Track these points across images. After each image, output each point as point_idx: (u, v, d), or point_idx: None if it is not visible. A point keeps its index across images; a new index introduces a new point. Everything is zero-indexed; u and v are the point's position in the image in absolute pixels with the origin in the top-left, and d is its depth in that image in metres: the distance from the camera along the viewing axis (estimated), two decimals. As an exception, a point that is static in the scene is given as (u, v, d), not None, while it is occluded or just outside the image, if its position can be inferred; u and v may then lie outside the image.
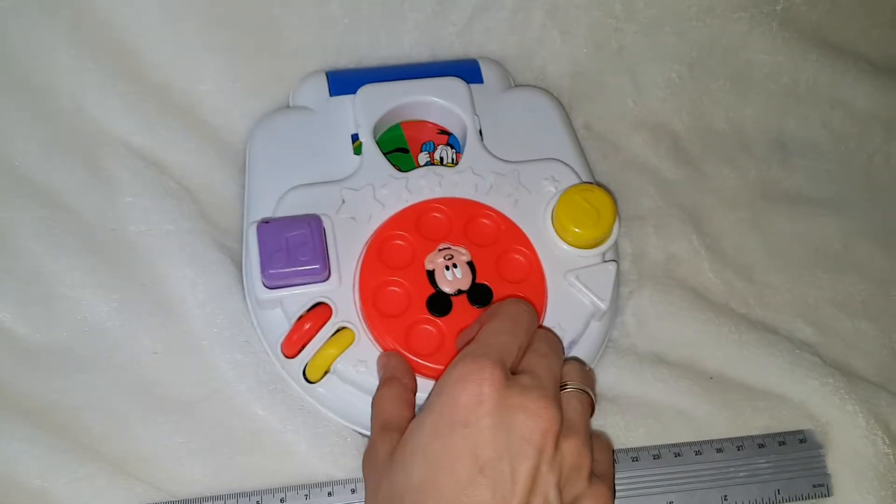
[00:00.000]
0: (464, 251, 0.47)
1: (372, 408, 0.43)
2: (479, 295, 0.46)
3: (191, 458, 0.45)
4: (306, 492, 0.44)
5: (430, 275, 0.46)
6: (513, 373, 0.38)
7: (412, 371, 0.44)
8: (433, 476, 0.35)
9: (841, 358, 0.53)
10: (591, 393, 0.41)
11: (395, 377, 0.43)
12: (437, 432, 0.36)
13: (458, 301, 0.46)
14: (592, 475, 0.38)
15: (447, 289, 0.46)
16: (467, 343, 0.40)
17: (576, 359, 0.46)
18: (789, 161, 0.61)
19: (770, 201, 0.59)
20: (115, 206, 0.52)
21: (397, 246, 0.47)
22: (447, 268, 0.46)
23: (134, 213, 0.52)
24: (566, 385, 0.41)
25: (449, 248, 0.47)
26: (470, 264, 0.47)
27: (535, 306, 0.46)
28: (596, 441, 0.41)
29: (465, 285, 0.46)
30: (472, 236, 0.48)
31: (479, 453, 0.35)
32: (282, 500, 0.44)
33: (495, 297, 0.46)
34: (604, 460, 0.41)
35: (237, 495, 0.44)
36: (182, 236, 0.51)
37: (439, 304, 0.46)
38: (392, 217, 0.48)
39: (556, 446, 0.36)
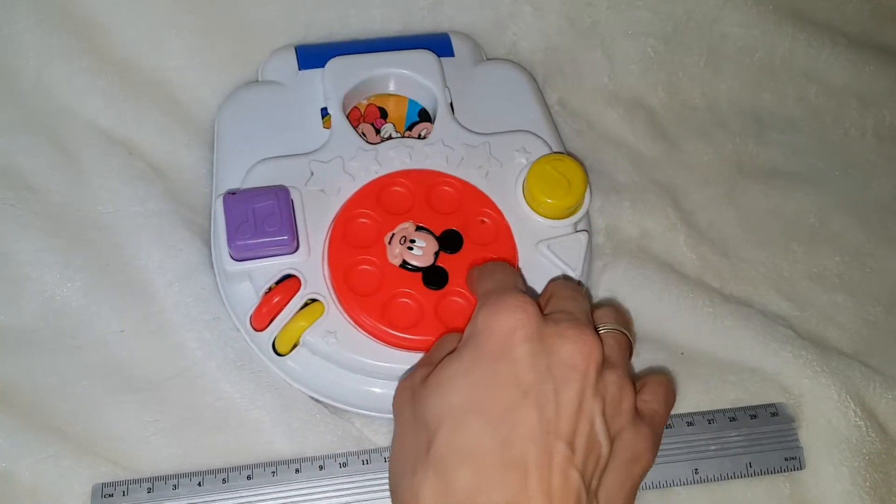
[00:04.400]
0: (406, 224, 0.47)
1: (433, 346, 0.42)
2: (450, 242, 0.47)
3: (158, 437, 0.45)
4: (273, 469, 0.44)
5: (404, 265, 0.46)
6: None
7: None
8: (477, 398, 0.34)
9: (816, 331, 0.53)
10: (627, 333, 0.40)
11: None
12: (478, 358, 0.35)
13: (445, 264, 0.46)
14: (636, 414, 0.37)
15: (424, 262, 0.46)
16: (478, 281, 0.42)
17: (610, 302, 0.45)
18: (765, 135, 0.61)
19: (746, 176, 0.59)
20: (81, 186, 0.51)
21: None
22: (410, 248, 0.46)
23: (101, 194, 0.51)
24: (600, 326, 0.40)
25: (393, 234, 0.46)
26: (421, 228, 0.47)
27: None
28: (652, 380, 0.40)
29: (435, 245, 0.46)
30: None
31: (521, 379, 0.34)
32: (248, 478, 0.44)
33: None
34: (654, 400, 0.39)
35: (203, 473, 0.44)
36: (149, 217, 0.50)
37: (434, 277, 0.46)
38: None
39: (599, 375, 0.36)
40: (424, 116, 0.54)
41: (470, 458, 0.33)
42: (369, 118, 0.54)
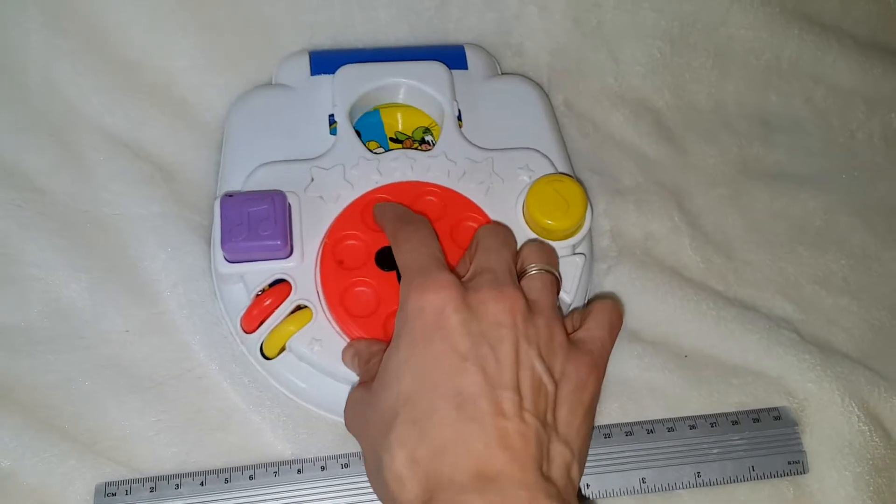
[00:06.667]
0: None
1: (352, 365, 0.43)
2: None
3: (161, 436, 0.45)
4: (275, 469, 0.44)
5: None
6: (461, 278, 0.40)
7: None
8: (422, 379, 0.36)
9: (821, 334, 0.53)
10: (552, 271, 0.42)
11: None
12: (413, 343, 0.37)
13: None
14: (571, 346, 0.39)
15: None
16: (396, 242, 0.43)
17: (534, 240, 0.46)
18: (771, 138, 0.61)
19: (751, 178, 0.59)
20: (87, 188, 0.52)
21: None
22: None
23: (106, 196, 0.51)
24: (526, 270, 0.42)
25: None
26: None
27: None
28: (596, 308, 0.42)
29: None
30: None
31: (457, 347, 0.36)
32: (251, 478, 0.44)
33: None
34: (596, 327, 0.41)
35: (206, 473, 0.44)
36: (154, 219, 0.51)
37: (389, 258, 0.46)
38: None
39: (526, 323, 0.37)
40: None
41: (429, 428, 0.35)
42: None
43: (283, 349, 0.45)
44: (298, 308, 0.45)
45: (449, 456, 0.34)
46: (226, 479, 0.44)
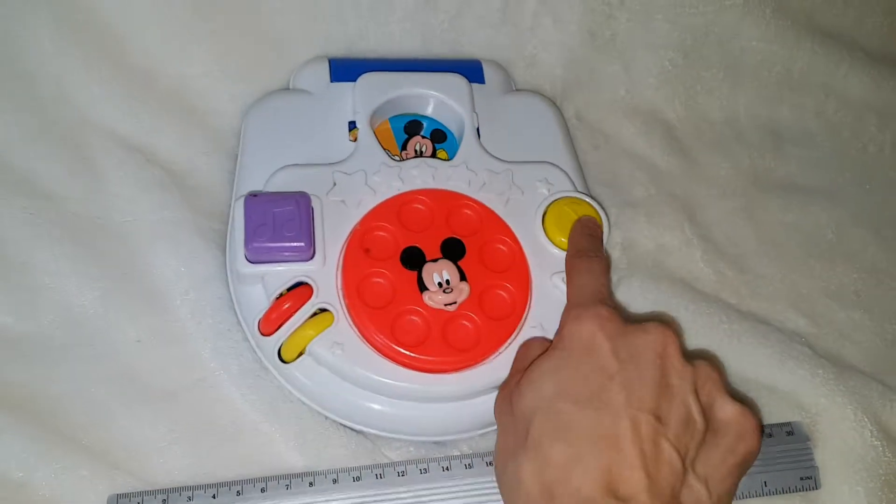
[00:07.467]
0: (430, 267, 0.47)
1: (517, 353, 0.44)
2: (452, 249, 0.47)
3: (173, 447, 0.45)
4: (287, 482, 0.44)
5: (420, 278, 0.46)
6: None
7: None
8: (567, 387, 0.37)
9: (833, 348, 0.53)
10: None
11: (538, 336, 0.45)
12: (566, 357, 0.39)
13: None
14: (733, 397, 0.39)
15: (432, 286, 0.46)
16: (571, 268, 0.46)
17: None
18: (783, 150, 0.61)
19: (763, 190, 0.59)
20: (99, 195, 0.51)
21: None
22: (446, 291, 0.46)
23: (119, 203, 0.51)
24: None
25: (422, 279, 0.46)
26: (434, 261, 0.47)
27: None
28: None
29: (456, 273, 0.46)
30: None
31: (606, 367, 0.37)
32: (262, 490, 0.43)
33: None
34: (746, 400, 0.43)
35: (218, 485, 0.44)
36: (166, 226, 0.51)
37: (413, 258, 0.46)
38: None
39: (682, 359, 0.39)
40: (412, 130, 0.54)
41: (563, 435, 0.36)
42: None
43: (300, 353, 0.45)
44: (318, 312, 0.45)
45: (580, 467, 0.35)
46: (238, 492, 0.43)
